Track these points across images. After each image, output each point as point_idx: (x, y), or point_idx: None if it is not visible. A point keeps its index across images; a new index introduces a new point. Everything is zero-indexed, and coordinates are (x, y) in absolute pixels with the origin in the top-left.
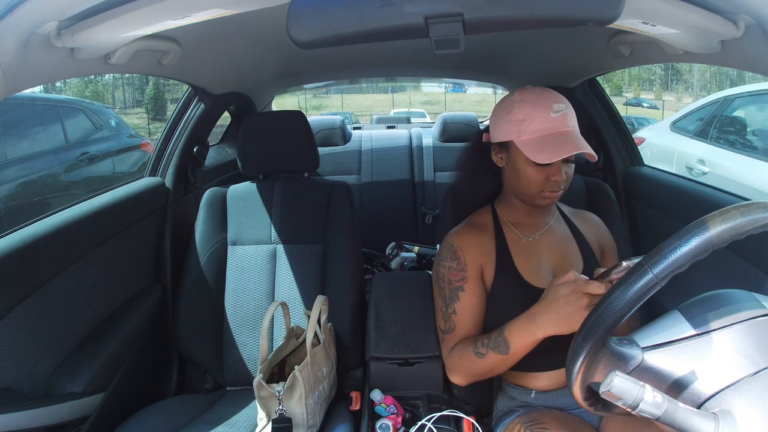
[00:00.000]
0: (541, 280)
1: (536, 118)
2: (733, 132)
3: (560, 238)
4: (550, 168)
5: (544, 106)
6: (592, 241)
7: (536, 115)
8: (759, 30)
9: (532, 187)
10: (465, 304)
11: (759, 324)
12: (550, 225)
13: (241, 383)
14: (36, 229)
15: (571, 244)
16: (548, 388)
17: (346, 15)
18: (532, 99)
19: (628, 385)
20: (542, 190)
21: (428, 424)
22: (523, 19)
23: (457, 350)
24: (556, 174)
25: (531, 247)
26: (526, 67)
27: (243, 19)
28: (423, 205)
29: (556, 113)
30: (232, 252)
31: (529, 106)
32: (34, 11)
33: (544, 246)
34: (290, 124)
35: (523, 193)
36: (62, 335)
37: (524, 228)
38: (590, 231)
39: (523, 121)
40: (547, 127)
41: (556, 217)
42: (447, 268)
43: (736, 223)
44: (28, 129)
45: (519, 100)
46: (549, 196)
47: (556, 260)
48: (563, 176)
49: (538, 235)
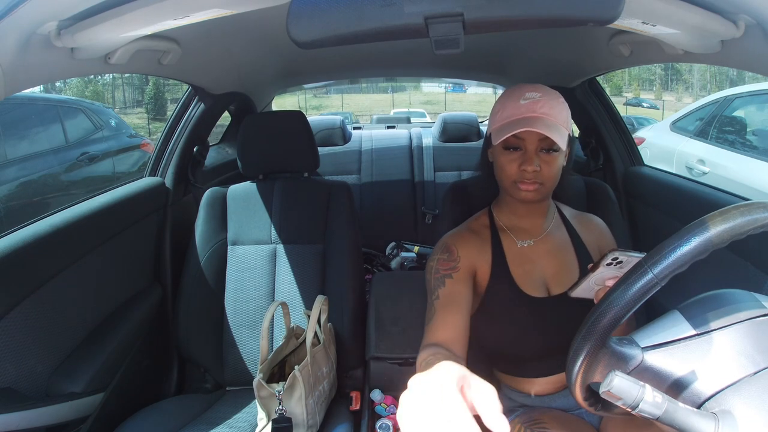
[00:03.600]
0: (534, 288)
1: (506, 106)
2: (733, 132)
3: (558, 245)
4: (522, 156)
5: (516, 95)
6: (593, 249)
7: (507, 103)
8: (759, 30)
9: (506, 177)
10: (450, 291)
11: (759, 324)
12: (548, 231)
13: (241, 383)
14: (36, 229)
15: (569, 253)
16: (545, 392)
17: (346, 15)
18: (509, 91)
19: (628, 385)
20: (515, 180)
21: None
22: (523, 19)
23: (421, 354)
24: (525, 162)
25: (526, 254)
26: (526, 67)
27: (243, 19)
28: (423, 205)
29: (525, 100)
30: (232, 252)
31: (504, 97)
32: (34, 11)
33: (541, 253)
34: (290, 124)
35: (503, 185)
36: (62, 335)
37: (520, 233)
38: (592, 237)
39: (497, 111)
40: (513, 113)
41: (556, 223)
42: (437, 261)
43: (736, 223)
44: (28, 129)
45: (501, 94)
46: (523, 189)
47: (551, 270)
48: (534, 166)
49: (534, 241)
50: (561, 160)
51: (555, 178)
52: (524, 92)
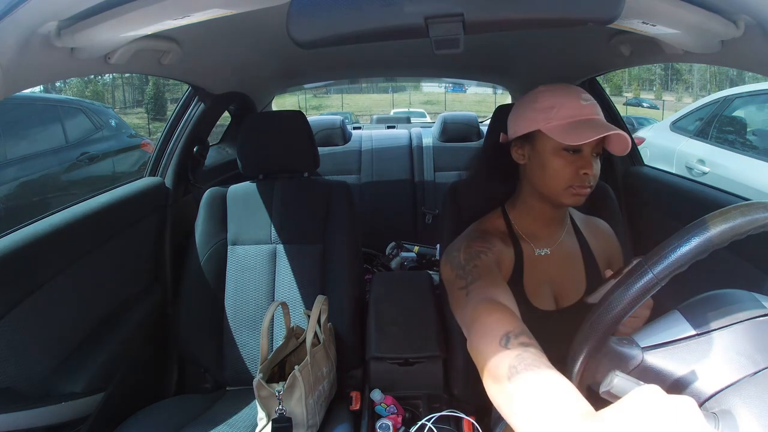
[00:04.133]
0: (542, 300)
1: (566, 104)
2: (733, 132)
3: (568, 255)
4: (581, 159)
5: (573, 94)
6: (601, 256)
7: (566, 101)
8: (759, 30)
9: (559, 182)
10: (487, 263)
11: (759, 324)
12: (562, 239)
13: (241, 383)
14: (36, 229)
15: (578, 263)
16: None
17: (346, 15)
18: (559, 89)
19: (628, 385)
20: (570, 185)
21: (428, 424)
22: (523, 20)
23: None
24: (586, 166)
25: (541, 263)
26: (526, 67)
27: (243, 19)
28: (423, 205)
29: (586, 101)
30: (232, 252)
31: (557, 95)
32: (34, 11)
33: (552, 263)
34: (290, 124)
35: (549, 190)
36: (62, 335)
37: (537, 241)
38: (600, 244)
39: (551, 108)
40: (578, 113)
41: (569, 230)
42: (466, 245)
43: (736, 223)
44: (28, 129)
45: (544, 90)
46: (577, 193)
47: (561, 281)
48: (594, 171)
49: (551, 250)
50: None
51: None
52: (579, 93)
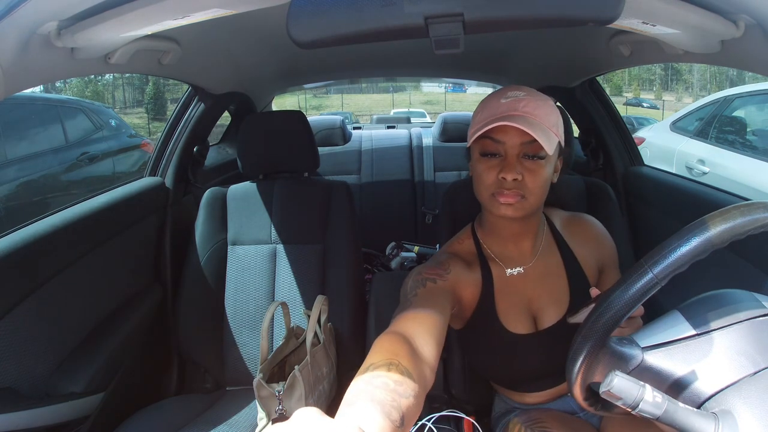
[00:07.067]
0: (518, 323)
1: (485, 107)
2: (733, 132)
3: (549, 271)
4: (502, 161)
5: (498, 96)
6: (588, 263)
7: (487, 103)
8: (759, 30)
9: (483, 189)
10: (430, 292)
11: (759, 324)
12: (539, 255)
13: (241, 383)
14: (36, 229)
15: (559, 279)
16: (541, 401)
17: (346, 15)
18: (492, 93)
19: (628, 385)
20: (493, 192)
21: (428, 424)
22: (523, 19)
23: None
24: (504, 169)
25: (515, 284)
26: (526, 67)
27: (243, 19)
28: (423, 204)
29: (507, 98)
30: (232, 252)
31: (485, 99)
32: (34, 11)
33: (530, 282)
34: (290, 124)
35: (481, 200)
36: (62, 335)
37: (508, 261)
38: (587, 249)
39: (476, 114)
40: (493, 113)
41: (547, 243)
42: (424, 268)
43: (736, 223)
44: (28, 129)
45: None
46: (502, 202)
47: (539, 301)
48: (515, 174)
49: (525, 268)
50: (548, 170)
51: (540, 191)
52: (506, 92)
